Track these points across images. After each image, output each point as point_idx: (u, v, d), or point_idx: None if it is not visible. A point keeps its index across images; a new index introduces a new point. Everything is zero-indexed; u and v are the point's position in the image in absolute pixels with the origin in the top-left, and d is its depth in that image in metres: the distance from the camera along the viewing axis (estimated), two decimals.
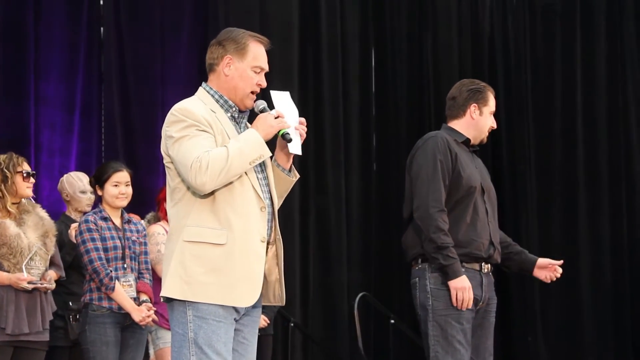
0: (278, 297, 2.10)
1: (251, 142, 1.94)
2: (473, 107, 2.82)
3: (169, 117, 2.00)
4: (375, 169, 5.66)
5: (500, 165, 5.54)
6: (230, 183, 1.95)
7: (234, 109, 2.05)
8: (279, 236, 2.10)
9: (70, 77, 5.10)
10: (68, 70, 5.10)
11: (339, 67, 5.46)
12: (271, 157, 2.06)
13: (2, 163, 3.23)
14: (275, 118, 1.97)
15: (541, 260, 2.98)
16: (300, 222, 5.23)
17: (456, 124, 2.86)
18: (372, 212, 5.60)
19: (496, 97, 2.97)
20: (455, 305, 2.64)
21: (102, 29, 5.24)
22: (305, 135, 2.06)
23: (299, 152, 2.03)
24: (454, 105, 2.86)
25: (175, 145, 1.96)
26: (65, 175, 3.89)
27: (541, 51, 5.65)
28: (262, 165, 2.06)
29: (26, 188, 3.25)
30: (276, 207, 2.10)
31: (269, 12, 5.27)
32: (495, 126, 2.93)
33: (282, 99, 2.07)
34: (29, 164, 3.53)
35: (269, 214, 2.06)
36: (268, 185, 2.09)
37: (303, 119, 2.07)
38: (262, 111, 2.02)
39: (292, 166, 2.14)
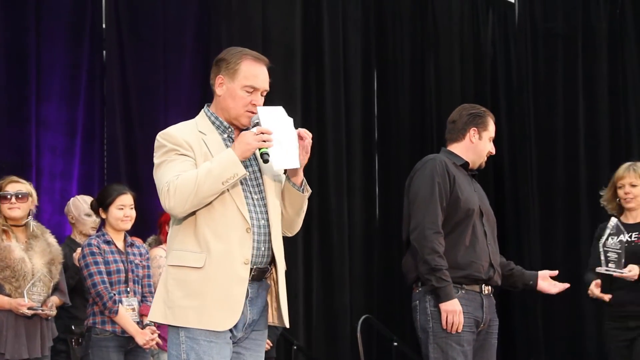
0: (280, 319, 2.09)
1: (223, 162, 1.91)
2: (472, 131, 2.88)
3: (155, 143, 2.03)
4: (377, 192, 5.72)
5: (502, 188, 5.59)
6: (210, 204, 1.94)
7: (230, 129, 2.06)
8: (280, 258, 2.07)
9: (72, 101, 5.14)
10: (70, 93, 5.15)
11: (342, 90, 5.53)
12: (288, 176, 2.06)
13: None
14: (257, 134, 1.92)
15: (542, 272, 3.05)
16: (304, 245, 5.26)
17: (455, 148, 2.92)
18: (374, 235, 5.65)
19: (498, 120, 3.06)
20: (445, 328, 2.68)
21: (104, 52, 5.29)
22: (308, 147, 2.00)
23: (291, 166, 1.99)
24: (454, 128, 2.92)
25: (155, 171, 2.01)
26: (72, 199, 4.01)
27: (543, 74, 5.74)
28: (261, 185, 2.06)
29: (7, 209, 3.29)
30: (274, 228, 2.05)
31: (271, 35, 5.35)
32: (494, 152, 2.99)
33: (271, 115, 2.00)
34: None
35: (259, 235, 2.00)
36: (266, 205, 2.04)
37: (304, 130, 2.00)
38: (254, 124, 2.00)
39: (304, 181, 2.07)
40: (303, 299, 5.23)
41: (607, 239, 3.45)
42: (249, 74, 2.02)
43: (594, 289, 3.49)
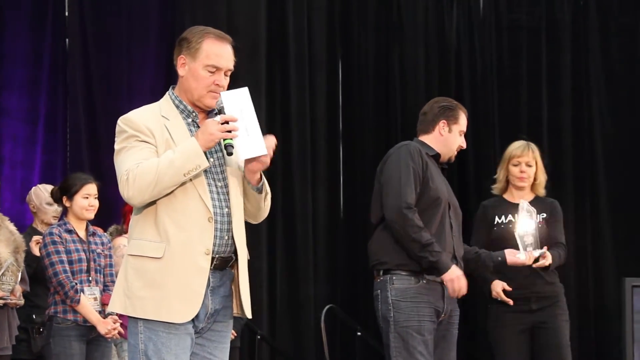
0: (243, 309, 2.06)
1: (186, 153, 1.86)
2: (442, 124, 2.91)
3: (116, 128, 1.98)
4: (342, 182, 5.79)
5: (466, 181, 5.67)
6: (171, 192, 1.90)
7: (194, 114, 2.01)
8: (242, 246, 2.05)
9: (34, 89, 5.18)
10: (32, 81, 5.18)
11: (306, 81, 5.56)
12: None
13: None
14: (223, 123, 1.86)
15: (508, 249, 3.23)
16: (268, 235, 5.32)
17: (426, 139, 2.95)
18: (338, 225, 5.71)
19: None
20: (452, 295, 2.77)
21: (67, 40, 5.29)
22: (273, 142, 2.00)
23: (258, 154, 1.91)
24: (425, 120, 2.97)
25: (115, 157, 1.97)
26: (33, 187, 4.09)
27: (507, 65, 5.82)
28: (224, 172, 2.03)
29: None
30: (236, 217, 2.02)
31: (236, 25, 5.32)
32: (464, 146, 3.02)
33: (236, 99, 1.92)
34: None
35: (221, 224, 1.98)
36: (228, 193, 2.01)
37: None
38: (216, 114, 1.93)
39: (263, 180, 2.04)
40: (267, 289, 5.28)
41: (521, 223, 3.37)
42: (211, 52, 1.96)
43: (501, 292, 3.45)
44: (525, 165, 3.60)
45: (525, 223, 3.35)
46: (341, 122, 5.84)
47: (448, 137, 2.95)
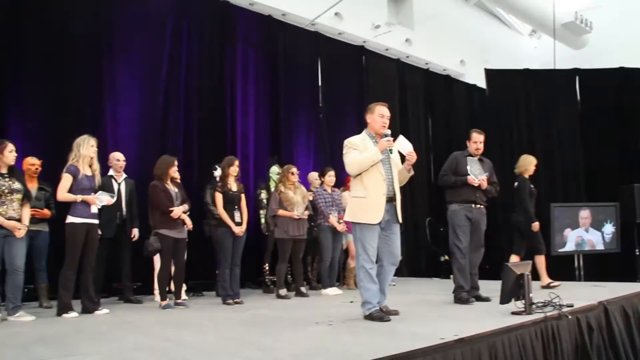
0: (398, 218, 4.94)
1: (372, 154, 4.77)
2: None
3: (344, 144, 4.95)
4: None
5: None
6: (367, 170, 4.78)
7: (374, 139, 4.95)
8: (397, 192, 4.95)
9: None
10: None
11: None
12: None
13: None
14: (387, 141, 4.80)
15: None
16: None
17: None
18: None
19: None
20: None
21: None
22: (414, 158, 4.92)
23: (405, 150, 5.04)
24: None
25: (344, 155, 4.92)
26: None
27: None
28: (389, 163, 4.92)
29: None
30: (395, 180, 4.92)
31: None
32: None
33: (402, 140, 5.05)
34: None
35: (388, 183, 4.83)
36: (390, 169, 4.91)
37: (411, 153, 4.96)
38: (385, 135, 4.88)
39: (411, 168, 5.02)
40: None
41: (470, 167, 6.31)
42: (381, 111, 5.04)
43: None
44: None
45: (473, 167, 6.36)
46: None
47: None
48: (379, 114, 4.93)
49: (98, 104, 8.24)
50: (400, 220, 4.92)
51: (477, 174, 6.21)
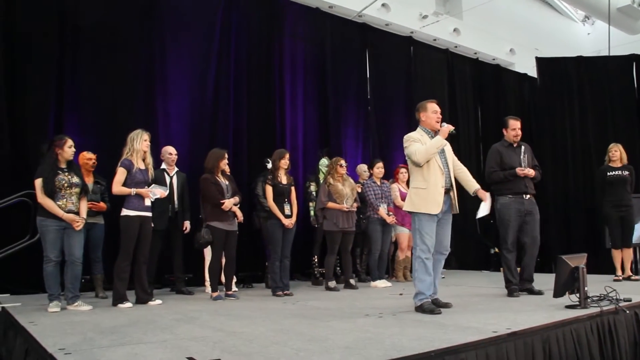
0: (456, 208, 5.12)
1: (435, 141, 4.92)
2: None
3: (404, 138, 5.10)
4: None
5: None
6: (428, 162, 4.92)
7: (430, 134, 5.09)
8: (454, 185, 5.14)
9: None
10: None
11: None
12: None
13: None
14: (447, 127, 4.97)
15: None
16: None
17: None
18: None
19: None
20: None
21: None
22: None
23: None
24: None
25: (408, 148, 5.02)
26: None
27: None
28: (444, 155, 5.09)
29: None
30: (451, 173, 5.11)
31: None
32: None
33: (483, 208, 5.24)
34: None
35: (446, 175, 5.00)
36: (446, 163, 5.08)
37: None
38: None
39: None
40: None
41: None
42: (433, 107, 5.18)
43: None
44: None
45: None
46: None
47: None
48: (433, 110, 5.11)
49: (150, 99, 8.41)
50: (457, 211, 5.10)
51: (524, 164, 6.19)
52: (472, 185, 5.26)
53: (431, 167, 4.94)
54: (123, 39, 8.17)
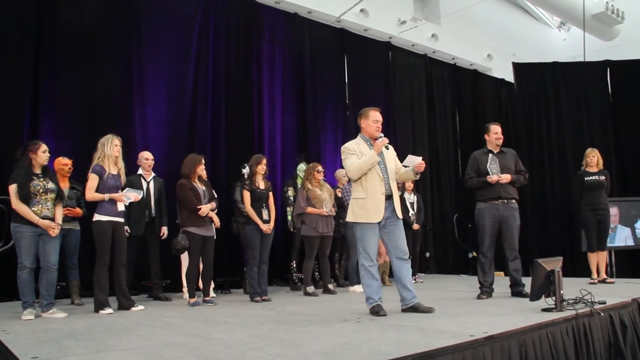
0: (397, 215, 5.03)
1: (369, 157, 4.95)
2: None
3: (342, 149, 5.17)
4: None
5: None
6: (365, 174, 4.95)
7: (369, 142, 5.14)
8: (394, 190, 5.07)
9: None
10: None
11: None
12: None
13: None
14: (381, 141, 4.99)
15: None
16: None
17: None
18: None
19: None
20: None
21: None
22: (423, 165, 5.10)
23: (415, 163, 5.11)
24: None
25: (344, 161, 5.12)
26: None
27: None
28: (383, 161, 5.04)
29: None
30: (392, 179, 5.05)
31: None
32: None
33: (411, 158, 5.13)
34: None
35: (385, 182, 4.98)
36: (386, 169, 5.03)
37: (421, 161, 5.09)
38: (378, 138, 5.02)
39: (418, 173, 5.12)
40: None
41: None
42: (374, 116, 5.19)
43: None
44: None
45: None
46: None
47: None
48: (374, 119, 5.13)
49: (127, 104, 8.36)
50: (400, 216, 5.07)
51: (494, 170, 6.23)
52: (407, 171, 5.18)
53: (369, 176, 4.98)
54: (101, 43, 8.12)
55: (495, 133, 6.33)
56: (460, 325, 4.14)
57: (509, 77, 13.21)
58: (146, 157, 7.32)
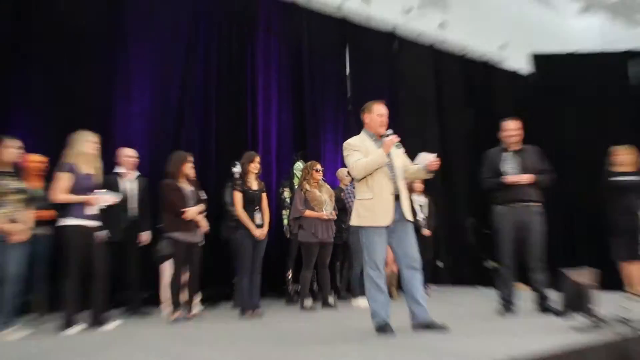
0: (405, 216, 4.76)
1: (377, 157, 4.73)
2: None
3: (344, 146, 4.90)
4: None
5: None
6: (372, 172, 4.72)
7: (374, 138, 4.94)
8: (402, 190, 4.82)
9: None
10: None
11: None
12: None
13: None
14: (390, 140, 4.75)
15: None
16: None
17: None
18: None
19: None
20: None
21: None
22: (436, 165, 4.81)
23: (427, 161, 4.84)
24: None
25: (346, 158, 4.86)
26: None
27: None
28: (393, 162, 4.80)
29: None
30: (399, 179, 4.82)
31: None
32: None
33: (423, 155, 4.87)
34: None
35: (393, 181, 4.75)
36: (392, 169, 4.80)
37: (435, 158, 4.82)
38: (386, 136, 4.81)
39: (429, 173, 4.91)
40: None
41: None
42: (378, 109, 5.00)
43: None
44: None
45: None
46: None
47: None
48: (378, 113, 4.92)
49: (108, 98, 8.02)
50: (410, 218, 4.82)
51: (509, 171, 5.94)
52: (418, 168, 4.93)
53: (375, 174, 4.75)
54: (80, 35, 7.76)
55: (505, 131, 6.06)
56: (479, 346, 3.90)
57: (524, 68, 12.90)
58: (127, 154, 7.02)
